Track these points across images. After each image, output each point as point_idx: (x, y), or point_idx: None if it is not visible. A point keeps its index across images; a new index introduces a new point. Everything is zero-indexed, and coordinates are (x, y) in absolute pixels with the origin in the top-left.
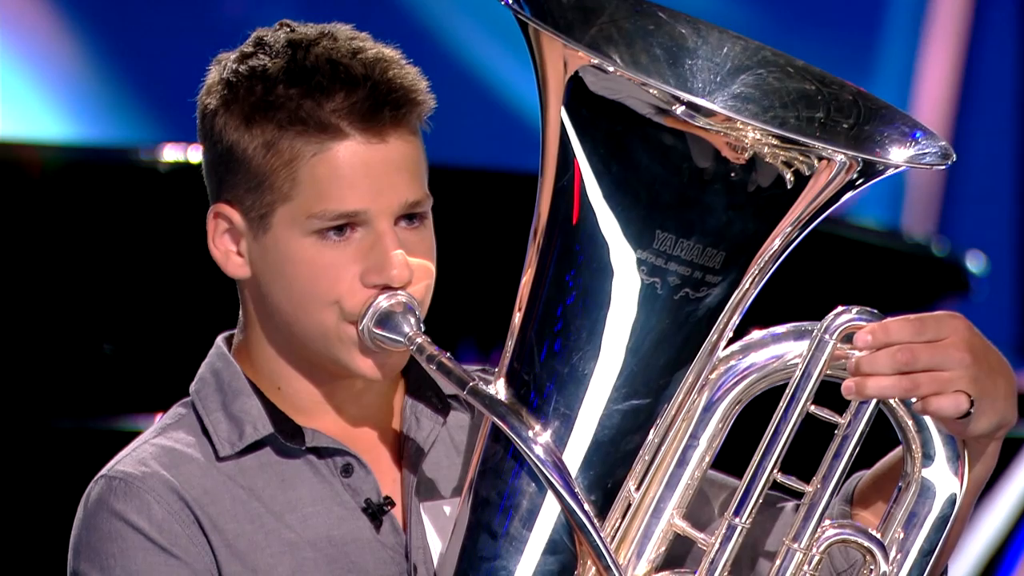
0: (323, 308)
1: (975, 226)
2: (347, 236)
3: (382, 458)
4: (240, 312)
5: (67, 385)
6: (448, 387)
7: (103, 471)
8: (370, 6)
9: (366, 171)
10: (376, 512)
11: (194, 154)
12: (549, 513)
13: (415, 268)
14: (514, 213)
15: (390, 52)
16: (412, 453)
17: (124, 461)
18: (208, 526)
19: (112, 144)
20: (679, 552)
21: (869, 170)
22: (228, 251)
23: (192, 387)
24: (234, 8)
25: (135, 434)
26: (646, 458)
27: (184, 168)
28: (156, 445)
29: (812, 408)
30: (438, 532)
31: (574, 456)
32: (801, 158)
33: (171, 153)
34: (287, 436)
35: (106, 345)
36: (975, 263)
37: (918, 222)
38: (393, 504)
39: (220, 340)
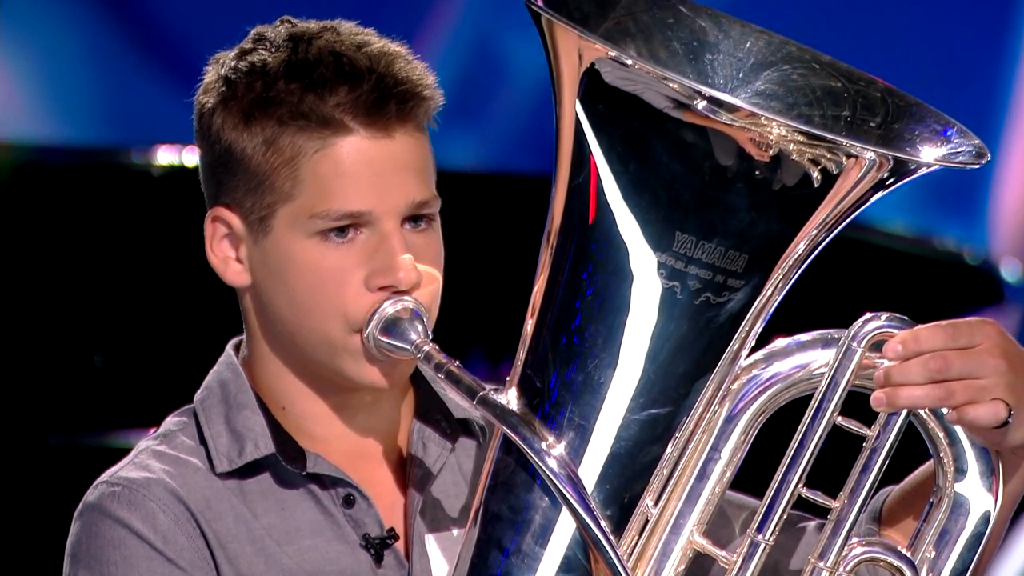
0: (328, 317)
1: None
2: (351, 237)
3: (386, 483)
4: (243, 325)
5: (56, 399)
6: (457, 397)
7: (102, 478)
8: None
9: (371, 168)
10: (377, 548)
11: (189, 156)
12: (563, 529)
13: (422, 274)
14: (526, 217)
15: (396, 46)
16: (418, 479)
17: (125, 468)
18: (213, 541)
19: (103, 146)
20: (698, 572)
21: (900, 169)
22: (227, 257)
23: (197, 396)
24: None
25: (128, 451)
26: (664, 472)
27: (179, 171)
28: (158, 452)
29: (839, 419)
30: (444, 562)
31: (589, 469)
32: (829, 155)
33: (165, 156)
34: (288, 458)
35: (97, 357)
36: (1010, 271)
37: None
38: (396, 538)
39: (230, 347)
